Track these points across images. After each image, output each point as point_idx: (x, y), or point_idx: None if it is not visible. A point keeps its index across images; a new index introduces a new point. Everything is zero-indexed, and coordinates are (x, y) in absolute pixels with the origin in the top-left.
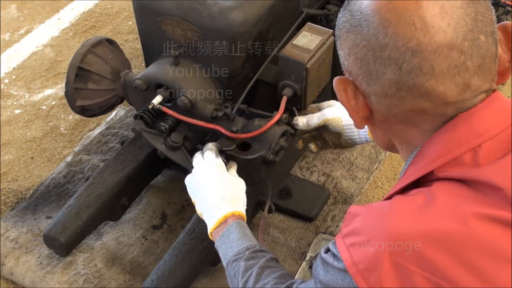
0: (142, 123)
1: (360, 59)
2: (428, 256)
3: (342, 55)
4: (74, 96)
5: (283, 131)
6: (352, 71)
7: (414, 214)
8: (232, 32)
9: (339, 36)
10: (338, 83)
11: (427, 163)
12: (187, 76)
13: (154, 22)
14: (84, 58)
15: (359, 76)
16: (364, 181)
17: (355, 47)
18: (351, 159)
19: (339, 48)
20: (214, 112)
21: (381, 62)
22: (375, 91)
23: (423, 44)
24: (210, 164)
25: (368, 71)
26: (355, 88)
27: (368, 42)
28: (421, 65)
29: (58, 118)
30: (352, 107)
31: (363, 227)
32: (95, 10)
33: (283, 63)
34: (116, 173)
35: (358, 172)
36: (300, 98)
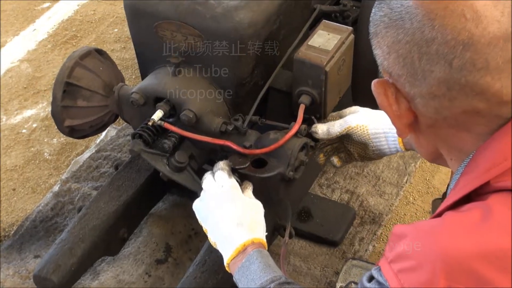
0: (141, 143)
1: (402, 57)
2: (488, 278)
3: (380, 55)
4: (62, 115)
5: (303, 143)
6: (392, 72)
7: (470, 232)
8: (239, 34)
9: (375, 33)
10: (378, 86)
11: (481, 173)
12: (190, 87)
13: (149, 27)
14: (72, 72)
15: (402, 77)
16: (394, 197)
17: (396, 44)
18: (377, 173)
19: (376, 47)
20: (223, 126)
21: (427, 59)
22: (421, 93)
23: (476, 36)
24: (223, 185)
25: (412, 70)
26: (396, 91)
27: (412, 37)
28: (474, 59)
29: (41, 142)
30: (395, 113)
31: (412, 249)
32: (76, 17)
33: (298, 67)
34: (111, 202)
35: (385, 187)
36: (319, 106)
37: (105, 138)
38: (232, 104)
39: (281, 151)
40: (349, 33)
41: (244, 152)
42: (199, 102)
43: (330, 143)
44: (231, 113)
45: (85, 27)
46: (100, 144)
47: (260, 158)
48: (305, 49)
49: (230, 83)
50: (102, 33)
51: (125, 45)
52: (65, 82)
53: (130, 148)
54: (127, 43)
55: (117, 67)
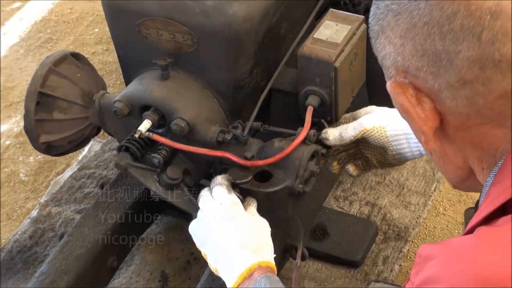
0: (128, 157)
1: (421, 45)
2: None
3: (392, 51)
4: (36, 130)
5: (313, 151)
6: (410, 67)
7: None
8: (234, 30)
9: (382, 27)
10: (395, 85)
11: None
12: (180, 92)
13: (132, 26)
14: (45, 81)
15: (422, 70)
16: (421, 208)
17: (412, 29)
18: (400, 181)
19: (384, 46)
20: (220, 135)
21: (452, 38)
22: (449, 82)
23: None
24: (222, 203)
25: (434, 57)
26: (416, 92)
27: (430, 17)
28: (506, 28)
29: (15, 161)
30: (419, 115)
31: (441, 272)
32: (50, 18)
33: (303, 64)
34: (97, 226)
35: (411, 196)
36: (329, 107)
37: (88, 154)
38: (230, 110)
39: (288, 162)
40: (360, 22)
41: (246, 164)
42: (191, 109)
43: (344, 149)
44: (229, 120)
45: (62, 28)
46: (83, 161)
47: (264, 171)
48: (311, 43)
49: (226, 86)
50: (81, 34)
51: (108, 47)
52: (38, 93)
53: (116, 162)
54: (110, 44)
55: (97, 72)
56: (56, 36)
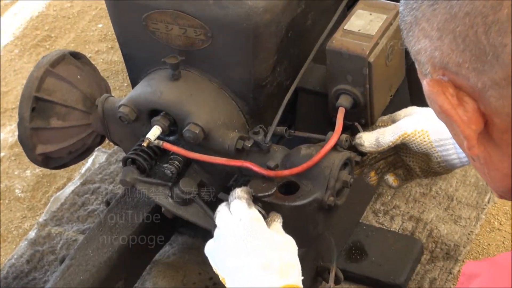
0: (135, 171)
1: (462, 37)
2: None
3: (428, 45)
4: (32, 140)
5: (345, 159)
6: (449, 63)
7: None
8: (253, 22)
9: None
10: (433, 84)
11: None
12: (193, 94)
13: (137, 20)
14: (41, 84)
15: (464, 66)
16: (473, 223)
17: (451, 21)
18: (449, 192)
19: (419, 40)
20: (239, 142)
21: (497, 30)
22: (495, 79)
23: None
24: (242, 218)
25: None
26: (457, 91)
27: (472, 6)
28: None
29: (10, 176)
30: (461, 118)
31: None
32: (48, 12)
33: (333, 59)
34: (103, 248)
35: (462, 209)
36: (364, 109)
37: (92, 166)
38: (250, 113)
39: (317, 171)
40: (397, 11)
41: (269, 174)
42: (206, 113)
43: (382, 157)
44: (249, 125)
45: (61, 25)
46: (86, 174)
47: (290, 182)
48: (341, 35)
49: (245, 86)
50: (82, 30)
51: (113, 45)
52: (33, 97)
53: (122, 177)
54: (116, 41)
55: (99, 73)
56: (54, 34)
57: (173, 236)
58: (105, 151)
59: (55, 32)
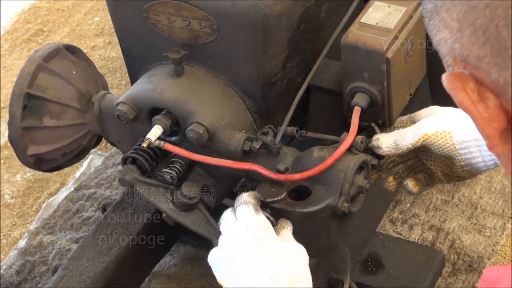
0: (135, 170)
1: (482, 30)
2: None
3: (448, 36)
4: (23, 140)
5: (361, 162)
6: (470, 56)
7: None
8: (262, 14)
9: (436, 7)
10: (452, 79)
11: None
12: (197, 92)
13: (137, 12)
14: (34, 80)
15: (484, 60)
16: (498, 233)
17: (471, 12)
18: (473, 199)
19: (439, 29)
20: (247, 143)
21: None
22: None
23: None
24: (248, 225)
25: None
26: (478, 86)
27: None
28: None
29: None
30: (482, 115)
31: None
32: (41, 5)
33: (348, 55)
34: (98, 258)
35: (486, 218)
36: (381, 108)
37: (87, 170)
38: (259, 112)
39: (330, 175)
40: (418, 3)
41: (278, 178)
42: (211, 112)
43: (401, 160)
44: (257, 125)
45: (55, 18)
46: (81, 178)
47: (301, 186)
48: (357, 29)
49: (253, 83)
50: (78, 24)
51: (111, 39)
52: (25, 94)
53: (121, 177)
54: (114, 36)
55: (96, 69)
56: (48, 27)
57: (175, 246)
58: (102, 153)
59: (48, 26)
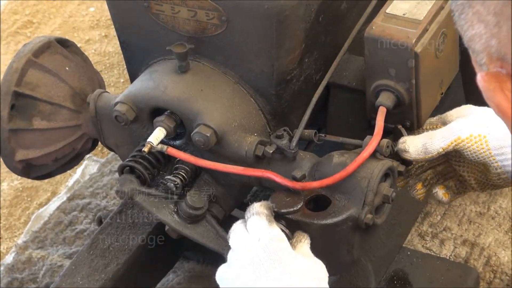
0: (134, 180)
1: None
2: None
3: (483, 32)
4: (10, 144)
5: (386, 169)
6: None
7: None
8: (278, 5)
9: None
10: (489, 78)
11: None
12: (204, 90)
13: (137, 1)
14: (22, 77)
15: None
16: None
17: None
18: (510, 211)
19: (476, 21)
20: (259, 147)
21: None
22: None
23: None
24: (260, 238)
25: None
26: None
27: None
28: None
29: None
30: None
31: None
32: None
33: (372, 50)
34: (94, 275)
35: None
36: (408, 108)
37: (81, 177)
38: (273, 113)
39: (352, 183)
40: None
41: (294, 186)
42: (220, 112)
43: (430, 166)
44: (271, 128)
45: (45, 8)
46: (74, 187)
47: (320, 196)
48: (382, 20)
49: (267, 80)
50: (70, 15)
51: (107, 32)
52: (12, 93)
53: (118, 188)
54: (111, 28)
55: (92, 65)
56: (37, 19)
57: (178, 262)
58: (97, 159)
59: (38, 17)
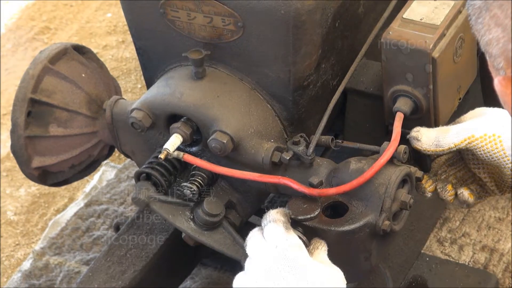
0: (150, 188)
1: None
2: None
3: (501, 36)
4: (27, 151)
5: (404, 175)
6: None
7: None
8: (294, 9)
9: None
10: (507, 83)
11: None
12: (221, 96)
13: (154, 7)
14: (39, 84)
15: None
16: None
17: None
18: None
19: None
20: (276, 154)
21: None
22: None
23: None
24: (278, 246)
25: None
26: None
27: None
28: None
29: (1, 195)
30: None
31: None
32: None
33: (389, 55)
34: (111, 282)
35: None
36: (426, 114)
37: (98, 183)
38: (289, 119)
39: (369, 189)
40: None
41: (311, 193)
42: (236, 119)
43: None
44: (287, 134)
45: (62, 14)
46: (92, 193)
47: (337, 202)
48: (400, 25)
49: (284, 86)
50: (87, 21)
51: (124, 38)
52: (29, 100)
53: (135, 196)
54: (128, 34)
55: (108, 72)
56: (54, 25)
57: (196, 269)
58: (115, 165)
59: (55, 23)
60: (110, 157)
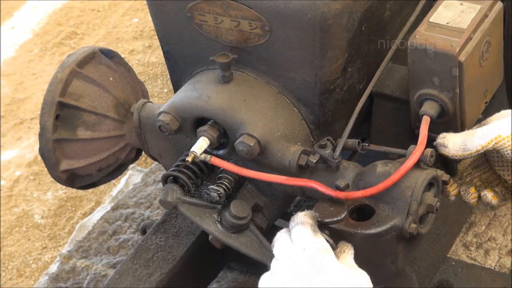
0: (178, 190)
1: None
2: None
3: None
4: (55, 154)
5: (430, 178)
6: None
7: None
8: (321, 13)
9: None
10: None
11: None
12: (248, 100)
13: (181, 11)
14: (67, 87)
15: None
16: None
17: None
18: None
19: None
20: (303, 157)
21: None
22: None
23: None
24: (305, 248)
25: None
26: None
27: None
28: None
29: (27, 198)
30: None
31: None
32: (73, 4)
33: (416, 58)
34: (138, 285)
35: None
36: (453, 117)
37: (125, 187)
38: (316, 123)
39: (396, 193)
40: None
41: (338, 196)
42: (263, 122)
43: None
44: (314, 137)
45: (89, 19)
46: (118, 197)
47: (364, 205)
48: (426, 29)
49: (310, 90)
50: (115, 26)
51: (151, 43)
52: (57, 103)
53: (162, 198)
54: (154, 39)
55: (135, 75)
56: (81, 30)
57: (222, 272)
58: (141, 169)
59: (82, 28)
60: (137, 162)
